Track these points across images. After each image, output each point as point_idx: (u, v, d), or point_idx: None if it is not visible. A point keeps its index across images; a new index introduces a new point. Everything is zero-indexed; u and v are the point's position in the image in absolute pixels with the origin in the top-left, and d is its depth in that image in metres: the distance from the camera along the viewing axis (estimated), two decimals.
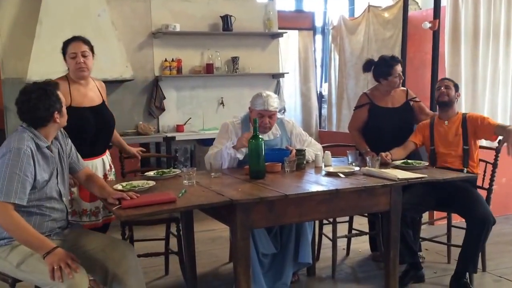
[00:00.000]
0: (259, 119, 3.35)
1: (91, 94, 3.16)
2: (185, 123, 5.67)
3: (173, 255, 3.56)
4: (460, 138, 3.57)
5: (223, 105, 5.93)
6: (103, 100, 3.22)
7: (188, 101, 5.81)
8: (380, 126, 3.84)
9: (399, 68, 3.81)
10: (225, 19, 5.72)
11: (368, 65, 3.96)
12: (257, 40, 6.08)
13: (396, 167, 3.28)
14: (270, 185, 2.74)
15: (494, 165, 3.65)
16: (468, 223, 3.28)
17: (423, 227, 4.47)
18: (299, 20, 7.68)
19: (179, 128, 5.62)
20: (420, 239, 3.81)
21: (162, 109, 5.61)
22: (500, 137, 3.56)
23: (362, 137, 3.93)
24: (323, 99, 7.88)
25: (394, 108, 3.89)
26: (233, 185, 2.74)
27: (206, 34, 5.79)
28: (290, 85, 7.66)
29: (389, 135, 3.79)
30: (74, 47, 3.01)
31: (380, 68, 3.86)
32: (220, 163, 3.36)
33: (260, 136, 2.99)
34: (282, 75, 6.26)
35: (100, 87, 3.27)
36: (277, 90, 6.23)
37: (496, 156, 3.64)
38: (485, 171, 3.73)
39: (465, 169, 3.53)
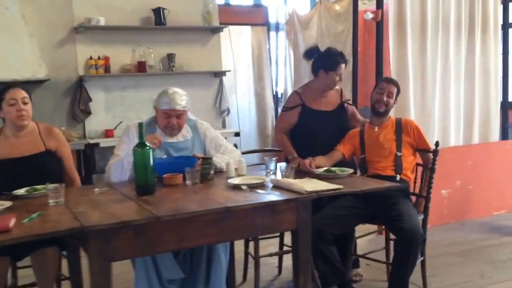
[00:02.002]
0: (165, 119, 3.00)
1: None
2: (115, 128, 5.17)
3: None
4: (393, 144, 3.20)
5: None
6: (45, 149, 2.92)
7: (119, 103, 5.31)
8: (312, 131, 3.41)
9: (343, 67, 3.37)
10: (158, 12, 5.23)
11: (311, 53, 3.50)
12: (196, 36, 5.60)
13: (318, 176, 2.85)
14: (154, 203, 2.29)
15: (431, 170, 3.24)
16: (396, 239, 2.88)
17: (370, 237, 4.11)
18: (252, 15, 7.25)
19: (108, 133, 5.12)
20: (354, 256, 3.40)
21: (87, 113, 5.10)
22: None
23: (290, 141, 3.51)
24: (279, 99, 7.46)
25: (328, 112, 3.46)
26: (108, 204, 2.28)
27: (137, 29, 5.30)
28: (243, 84, 7.22)
29: (322, 141, 3.36)
30: (12, 94, 2.85)
31: (325, 59, 3.40)
32: (119, 174, 2.90)
33: (147, 144, 2.53)
34: (224, 73, 5.79)
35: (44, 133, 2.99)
36: (220, 90, 5.77)
37: (434, 160, 3.23)
38: (422, 177, 3.34)
39: (398, 176, 3.13)
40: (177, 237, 2.13)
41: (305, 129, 3.43)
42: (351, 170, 2.93)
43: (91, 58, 5.08)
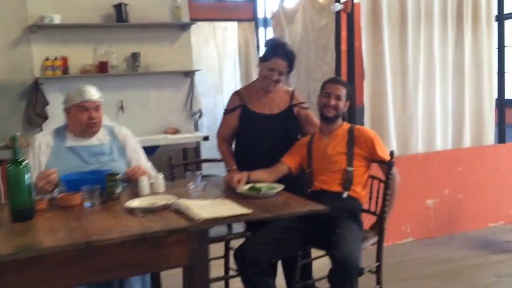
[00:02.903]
0: (83, 114, 2.67)
1: None
2: None
3: None
4: (343, 158, 2.72)
5: (123, 110, 5.06)
6: None
7: None
8: (253, 138, 2.96)
9: (281, 64, 2.84)
10: (119, 8, 4.84)
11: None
12: (163, 33, 5.16)
13: (242, 194, 2.41)
14: (24, 232, 1.90)
15: (386, 185, 2.74)
16: (330, 269, 2.41)
17: None
18: (239, 10, 6.82)
19: None
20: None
21: (44, 117, 4.76)
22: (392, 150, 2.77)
23: (230, 150, 3.06)
24: None
25: (271, 115, 2.96)
26: None
27: (98, 27, 4.91)
28: (230, 84, 6.81)
29: (265, 150, 2.91)
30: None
31: (265, 47, 2.99)
32: None
33: (22, 161, 2.13)
34: (194, 72, 5.37)
35: None
36: (191, 90, 5.34)
37: (388, 173, 2.73)
38: (378, 192, 2.85)
39: (345, 192, 2.66)
40: (19, 281, 1.72)
41: (245, 135, 3.00)
42: (281, 187, 2.47)
43: (47, 59, 4.72)
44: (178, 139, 5.06)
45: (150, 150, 4.66)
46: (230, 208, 2.09)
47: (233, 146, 3.10)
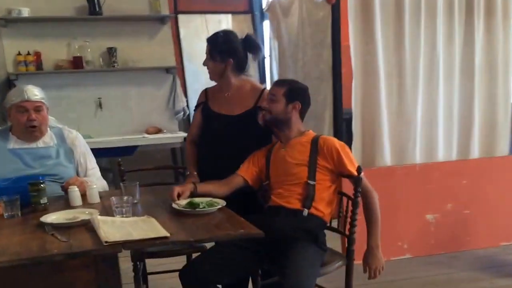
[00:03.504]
0: (21, 116, 2.61)
1: None
2: None
3: None
4: (304, 170, 2.47)
5: (101, 108, 4.94)
6: None
7: (56, 104, 4.82)
8: (209, 140, 2.79)
9: (207, 48, 2.74)
10: (91, 0, 4.72)
11: None
12: (141, 26, 5.07)
13: (178, 209, 2.22)
14: None
15: (355, 204, 2.50)
16: None
17: None
18: (233, 2, 6.59)
19: None
20: None
21: None
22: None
23: (195, 153, 2.87)
24: None
25: (230, 116, 2.75)
26: None
27: (70, 20, 4.84)
28: None
29: (223, 156, 2.71)
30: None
31: None
32: None
33: None
34: (174, 68, 5.22)
35: None
36: (174, 88, 5.19)
37: (356, 190, 2.50)
38: (346, 209, 2.63)
39: (306, 210, 2.43)
40: None
41: (203, 137, 2.84)
42: (221, 204, 2.27)
43: (19, 53, 4.66)
44: (159, 138, 4.94)
45: (128, 150, 4.56)
46: (148, 229, 1.90)
47: None
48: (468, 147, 4.17)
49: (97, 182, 2.68)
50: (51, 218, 2.07)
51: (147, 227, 1.92)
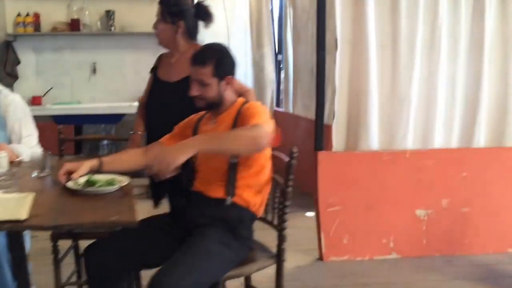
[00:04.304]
0: None
1: None
2: (44, 95, 4.57)
3: None
4: None
5: (95, 72, 4.71)
6: None
7: (51, 66, 4.70)
8: (150, 107, 2.58)
9: (158, 9, 2.51)
10: None
11: None
12: None
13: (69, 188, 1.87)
14: None
15: (284, 194, 2.01)
16: None
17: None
18: None
19: (35, 101, 4.54)
20: None
21: (14, 77, 4.56)
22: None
23: (143, 116, 2.62)
24: (282, 69, 6.24)
25: (166, 83, 2.52)
26: None
27: None
28: (239, 52, 6.07)
29: (160, 123, 2.40)
30: None
31: None
32: None
33: None
34: None
35: None
36: None
37: (288, 177, 2.01)
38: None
39: (229, 198, 1.94)
40: None
41: (148, 103, 2.61)
42: (125, 182, 1.90)
43: (19, 14, 4.50)
44: None
45: (114, 118, 4.30)
46: (9, 209, 1.57)
47: None
48: (472, 134, 3.46)
49: (23, 149, 2.41)
50: None
51: (11, 206, 1.59)
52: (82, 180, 1.91)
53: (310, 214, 3.43)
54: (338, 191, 3.38)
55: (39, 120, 4.34)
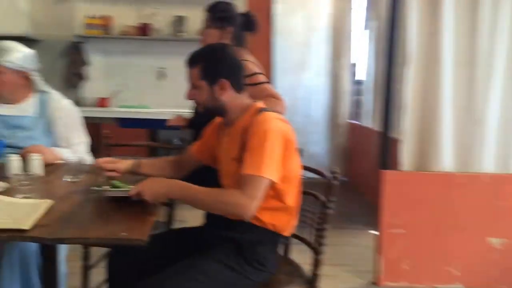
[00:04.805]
0: None
1: None
2: (110, 97, 4.62)
3: None
4: (235, 167, 1.76)
5: (163, 77, 4.72)
6: None
7: (119, 70, 4.74)
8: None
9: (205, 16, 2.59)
10: None
11: None
12: None
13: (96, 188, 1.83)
14: None
15: (322, 216, 1.89)
16: None
17: None
18: None
19: (101, 103, 4.60)
20: None
21: (82, 78, 4.65)
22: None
23: None
24: (360, 82, 6.08)
25: None
26: None
27: None
28: (317, 61, 6.03)
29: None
30: None
31: None
32: None
33: None
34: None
35: None
36: None
37: (328, 198, 1.88)
38: None
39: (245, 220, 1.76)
40: None
41: None
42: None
43: (90, 17, 4.59)
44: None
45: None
46: (19, 216, 1.54)
47: None
48: None
49: (68, 153, 2.39)
50: None
51: (21, 214, 1.55)
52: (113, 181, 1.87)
53: (376, 232, 3.26)
54: (402, 212, 3.19)
55: (103, 122, 4.46)
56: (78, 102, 4.69)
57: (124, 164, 2.00)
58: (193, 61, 1.79)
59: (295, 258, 2.10)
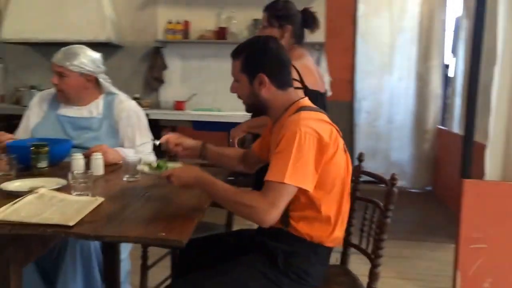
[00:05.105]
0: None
1: None
2: (187, 100, 4.70)
3: None
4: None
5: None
6: None
7: (196, 74, 4.80)
8: None
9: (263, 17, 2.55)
10: None
11: None
12: None
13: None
14: None
15: (380, 225, 1.75)
16: None
17: None
18: None
19: (177, 106, 4.69)
20: None
21: (160, 81, 4.77)
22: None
23: None
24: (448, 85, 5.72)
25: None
26: None
27: None
28: (402, 64, 5.76)
29: None
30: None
31: None
32: None
33: None
34: (322, 44, 4.64)
35: None
36: (319, 66, 4.64)
37: (387, 206, 1.74)
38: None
39: (284, 229, 1.68)
40: None
41: None
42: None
43: (170, 22, 4.70)
44: None
45: None
46: (67, 213, 1.57)
47: None
48: None
49: (132, 153, 2.43)
50: (14, 184, 1.88)
51: (70, 210, 1.58)
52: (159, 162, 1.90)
53: None
54: (485, 226, 2.90)
55: (179, 125, 4.55)
56: (157, 105, 4.84)
57: (191, 142, 2.03)
58: (236, 53, 1.75)
59: (355, 268, 1.98)
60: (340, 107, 5.44)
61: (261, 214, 1.52)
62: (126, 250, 2.44)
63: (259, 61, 1.70)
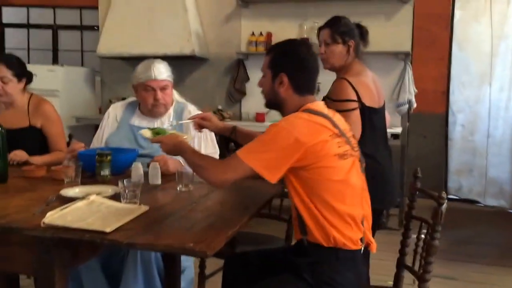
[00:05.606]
0: (148, 96, 2.54)
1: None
2: (267, 112, 4.72)
3: None
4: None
5: (318, 91, 4.64)
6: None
7: None
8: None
9: (322, 34, 2.54)
10: None
11: None
12: (378, 6, 4.44)
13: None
14: None
15: (429, 248, 1.61)
16: None
17: None
18: None
19: (258, 117, 4.72)
20: None
21: (242, 93, 4.83)
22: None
23: None
24: None
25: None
26: None
27: (304, 1, 4.60)
28: (502, 73, 5.34)
29: None
30: None
31: None
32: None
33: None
34: (407, 54, 4.43)
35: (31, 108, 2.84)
36: (403, 76, 4.43)
37: (434, 227, 1.60)
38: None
39: (304, 238, 1.69)
40: None
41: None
42: (189, 139, 2.13)
43: (253, 34, 4.76)
44: None
45: None
46: (107, 219, 1.62)
47: None
48: None
49: None
50: (74, 191, 1.99)
51: (112, 217, 1.63)
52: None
53: None
54: None
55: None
56: (239, 117, 4.91)
57: (220, 122, 2.22)
58: (269, 49, 1.88)
59: None
60: (431, 119, 5.17)
61: (212, 175, 1.70)
62: (190, 258, 2.48)
63: (284, 61, 1.78)
